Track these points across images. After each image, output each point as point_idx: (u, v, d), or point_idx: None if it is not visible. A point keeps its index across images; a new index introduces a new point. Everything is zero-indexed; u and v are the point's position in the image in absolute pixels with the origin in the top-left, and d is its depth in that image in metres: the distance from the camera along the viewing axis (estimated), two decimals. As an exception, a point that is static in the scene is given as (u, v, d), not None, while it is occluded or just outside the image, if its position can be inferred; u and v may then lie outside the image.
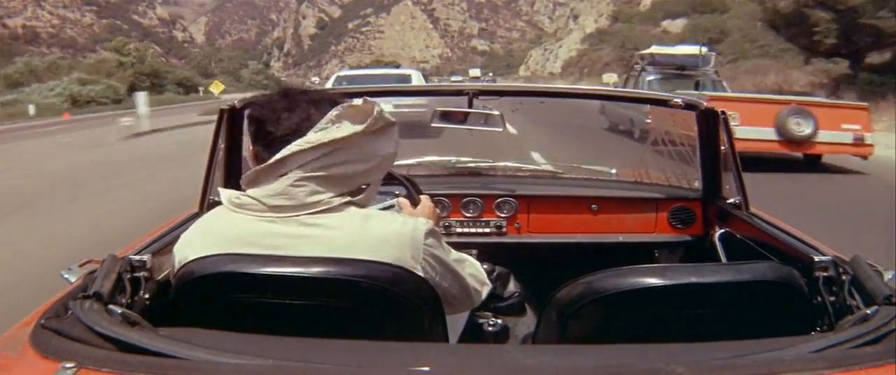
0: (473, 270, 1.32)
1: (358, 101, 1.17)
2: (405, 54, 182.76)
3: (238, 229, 1.15)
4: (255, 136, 1.20)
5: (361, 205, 1.19)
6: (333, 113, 1.15)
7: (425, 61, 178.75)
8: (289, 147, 1.13)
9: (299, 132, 1.15)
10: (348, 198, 1.16)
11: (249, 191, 1.17)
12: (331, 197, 1.14)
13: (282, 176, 1.14)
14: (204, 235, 1.19)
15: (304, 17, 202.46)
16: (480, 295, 1.31)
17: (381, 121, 1.17)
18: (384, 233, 1.15)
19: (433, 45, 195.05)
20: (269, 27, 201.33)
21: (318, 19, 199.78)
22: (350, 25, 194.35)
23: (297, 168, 1.13)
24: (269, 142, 1.17)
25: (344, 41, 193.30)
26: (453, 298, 1.24)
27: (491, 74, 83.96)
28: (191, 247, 1.18)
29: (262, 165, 1.15)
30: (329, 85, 10.77)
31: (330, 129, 1.14)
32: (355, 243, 1.13)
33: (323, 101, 1.19)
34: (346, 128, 1.14)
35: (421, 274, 1.15)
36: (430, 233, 1.19)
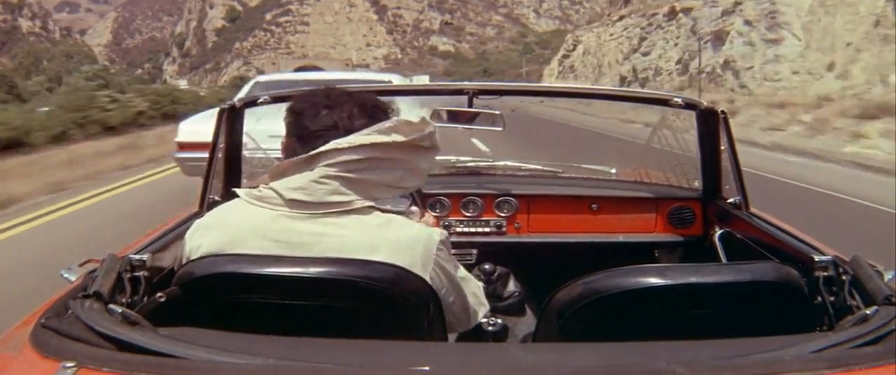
0: (475, 289, 1.32)
1: (415, 119, 1.16)
2: (337, 54, 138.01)
3: (253, 221, 1.14)
4: (290, 128, 1.19)
5: (384, 210, 1.17)
6: (387, 124, 1.13)
7: (364, 64, 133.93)
8: (329, 143, 1.11)
9: (336, 129, 1.14)
10: (371, 203, 1.15)
11: (272, 184, 1.16)
12: (354, 200, 1.13)
13: (309, 170, 1.13)
14: (221, 226, 1.18)
15: (211, 7, 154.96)
16: (478, 317, 1.32)
17: (428, 140, 1.16)
18: (399, 239, 1.14)
19: (377, 42, 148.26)
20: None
21: (228, 9, 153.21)
22: (268, 17, 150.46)
23: (324, 165, 1.11)
24: (303, 135, 1.16)
25: (253, 36, 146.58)
26: (453, 316, 1.24)
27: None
28: (206, 236, 1.17)
29: (295, 158, 1.14)
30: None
31: (375, 135, 1.12)
32: (369, 246, 1.12)
33: (366, 103, 1.18)
34: (392, 137, 1.12)
35: (427, 281, 1.15)
36: (443, 245, 1.19)
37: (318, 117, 1.15)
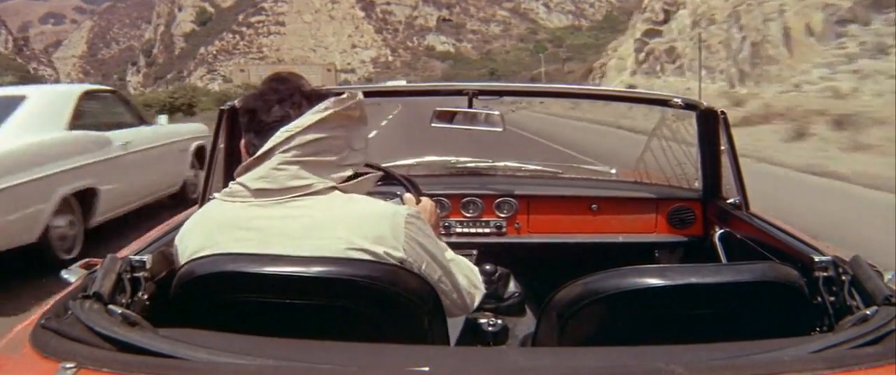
0: (468, 272, 1.33)
1: (343, 95, 1.24)
2: (318, 57, 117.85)
3: (228, 216, 1.20)
4: (247, 126, 1.26)
5: (345, 191, 1.23)
6: (321, 105, 1.21)
7: (349, 69, 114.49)
8: (277, 133, 1.18)
9: (289, 118, 1.20)
10: (332, 184, 1.20)
11: (238, 179, 1.22)
12: (314, 182, 1.18)
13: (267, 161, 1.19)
14: (200, 226, 1.25)
15: (180, 9, 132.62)
16: (474, 299, 1.32)
17: (358, 108, 1.24)
18: (364, 212, 1.18)
19: (364, 43, 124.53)
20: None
21: (198, 11, 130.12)
22: (241, 17, 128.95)
23: (280, 152, 1.18)
24: (260, 128, 1.23)
25: (220, 39, 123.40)
26: (446, 296, 1.25)
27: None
28: (190, 238, 1.24)
29: (253, 157, 1.20)
30: None
31: (316, 114, 1.20)
32: (335, 221, 1.16)
33: (313, 94, 1.26)
34: (329, 112, 1.20)
35: (401, 255, 1.17)
36: (414, 219, 1.22)
37: (270, 111, 1.23)
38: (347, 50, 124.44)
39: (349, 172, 1.25)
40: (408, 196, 1.50)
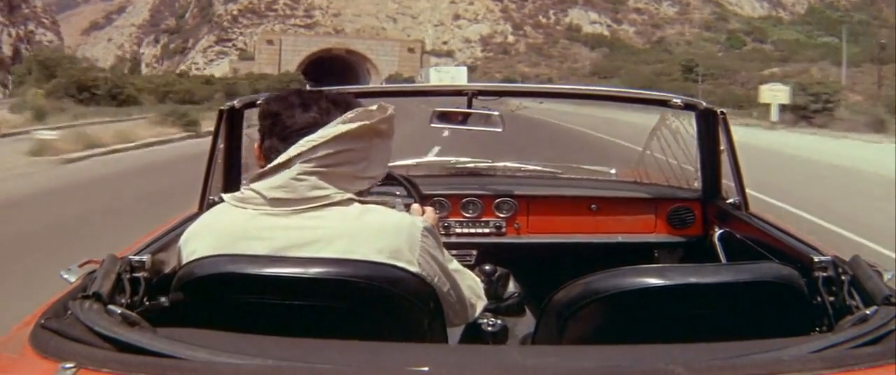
0: (471, 283, 1.33)
1: (373, 106, 1.20)
2: (397, 29, 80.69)
3: (240, 224, 1.17)
4: (270, 130, 1.22)
5: (363, 203, 1.20)
6: (350, 114, 1.18)
7: (443, 50, 77.82)
8: (300, 142, 1.15)
9: (317, 124, 1.17)
10: (351, 196, 1.18)
11: (252, 185, 1.19)
12: (333, 193, 1.16)
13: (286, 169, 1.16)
14: (209, 231, 1.21)
15: None
16: (476, 310, 1.32)
17: (387, 122, 1.21)
18: (382, 224, 1.16)
19: (473, 13, 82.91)
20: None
21: None
22: None
23: (301, 162, 1.15)
24: (286, 135, 1.19)
25: None
26: (450, 308, 1.25)
27: None
28: (198, 242, 1.20)
29: (271, 165, 1.17)
30: None
31: (343, 125, 1.16)
32: (352, 233, 1.14)
33: (337, 98, 1.23)
34: (358, 124, 1.17)
35: (417, 269, 1.16)
36: (429, 233, 1.20)
37: (296, 116, 1.20)
38: (446, 22, 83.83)
39: (368, 184, 1.23)
40: (415, 206, 1.48)
